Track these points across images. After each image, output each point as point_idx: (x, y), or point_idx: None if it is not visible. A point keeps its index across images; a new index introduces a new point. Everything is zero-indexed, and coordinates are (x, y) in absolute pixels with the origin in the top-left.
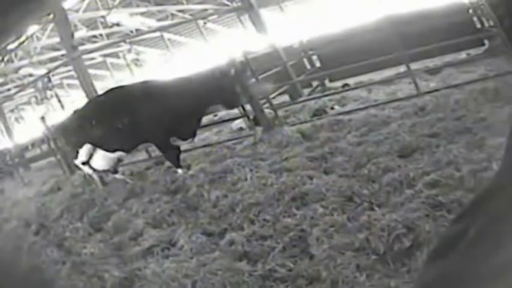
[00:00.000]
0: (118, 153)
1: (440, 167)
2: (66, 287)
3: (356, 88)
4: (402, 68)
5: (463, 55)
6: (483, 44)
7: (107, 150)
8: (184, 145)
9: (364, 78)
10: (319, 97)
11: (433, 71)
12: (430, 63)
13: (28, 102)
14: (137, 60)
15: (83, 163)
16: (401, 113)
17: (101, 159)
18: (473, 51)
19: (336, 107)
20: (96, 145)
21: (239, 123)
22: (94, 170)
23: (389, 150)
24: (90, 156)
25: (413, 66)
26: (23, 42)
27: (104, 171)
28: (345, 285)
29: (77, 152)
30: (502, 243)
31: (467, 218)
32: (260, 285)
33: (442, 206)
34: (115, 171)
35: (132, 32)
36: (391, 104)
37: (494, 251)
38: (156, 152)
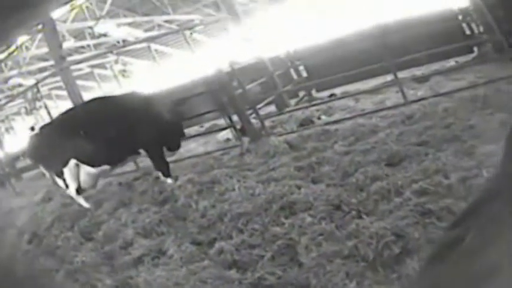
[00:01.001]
0: (101, 168)
1: (429, 175)
2: None
3: (343, 98)
4: (390, 77)
5: (451, 63)
6: (472, 51)
7: (92, 165)
8: (171, 156)
9: (351, 87)
10: (306, 107)
11: (420, 80)
12: (418, 71)
13: (18, 113)
14: (124, 71)
15: (77, 191)
16: (388, 122)
17: (83, 176)
18: (462, 59)
19: (323, 117)
20: (81, 160)
21: (225, 134)
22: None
23: (377, 159)
24: (78, 177)
25: (401, 74)
26: (13, 52)
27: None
28: None
29: (61, 172)
30: (498, 249)
31: (463, 224)
32: None
33: (431, 213)
34: (83, 191)
35: (119, 42)
36: (379, 113)
37: (491, 255)
38: (143, 162)
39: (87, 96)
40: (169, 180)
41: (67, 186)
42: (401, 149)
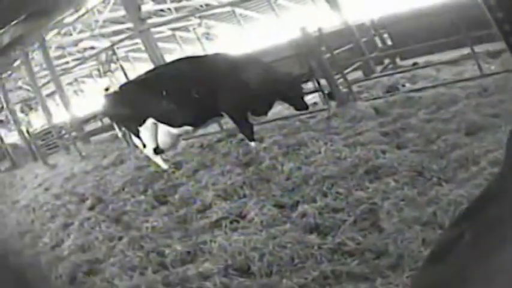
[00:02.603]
0: (181, 129)
1: (502, 146)
2: (119, 263)
3: (426, 67)
4: (467, 50)
5: None
6: None
7: (172, 126)
8: (258, 121)
9: (432, 57)
10: (392, 74)
11: (493, 54)
12: (490, 47)
13: (89, 75)
14: (208, 34)
15: (155, 151)
16: (466, 93)
17: (162, 136)
18: None
19: (407, 84)
20: (161, 120)
21: (313, 98)
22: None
23: (457, 128)
24: (156, 137)
25: (477, 49)
26: (83, 15)
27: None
28: (410, 259)
29: (137, 130)
30: (498, 248)
31: (464, 222)
32: (328, 258)
33: None
34: (162, 151)
35: (202, 6)
36: (458, 84)
37: (490, 255)
38: (227, 124)
39: (169, 58)
40: (252, 144)
41: (145, 145)
42: (478, 120)
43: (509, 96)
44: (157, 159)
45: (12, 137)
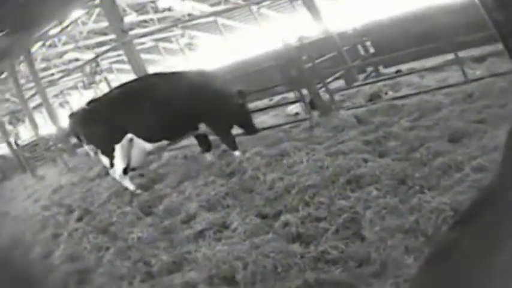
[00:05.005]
0: (158, 144)
1: (487, 152)
2: (108, 273)
3: (409, 74)
4: (451, 56)
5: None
6: None
7: (150, 141)
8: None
9: (416, 64)
10: (374, 82)
11: (478, 59)
12: (475, 51)
13: (74, 87)
14: (190, 44)
15: (125, 171)
16: (451, 99)
17: (134, 154)
18: None
19: (390, 92)
20: (139, 134)
21: (295, 107)
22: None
23: (441, 135)
24: (129, 156)
25: (461, 54)
26: (67, 27)
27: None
28: (394, 267)
29: (112, 149)
30: (496, 250)
31: (462, 225)
32: (311, 267)
33: None
34: (132, 169)
35: (184, 16)
36: (442, 91)
37: (489, 256)
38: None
39: (152, 69)
40: (236, 153)
41: (112, 165)
42: (462, 126)
43: (495, 101)
44: (125, 181)
45: (1, 149)
